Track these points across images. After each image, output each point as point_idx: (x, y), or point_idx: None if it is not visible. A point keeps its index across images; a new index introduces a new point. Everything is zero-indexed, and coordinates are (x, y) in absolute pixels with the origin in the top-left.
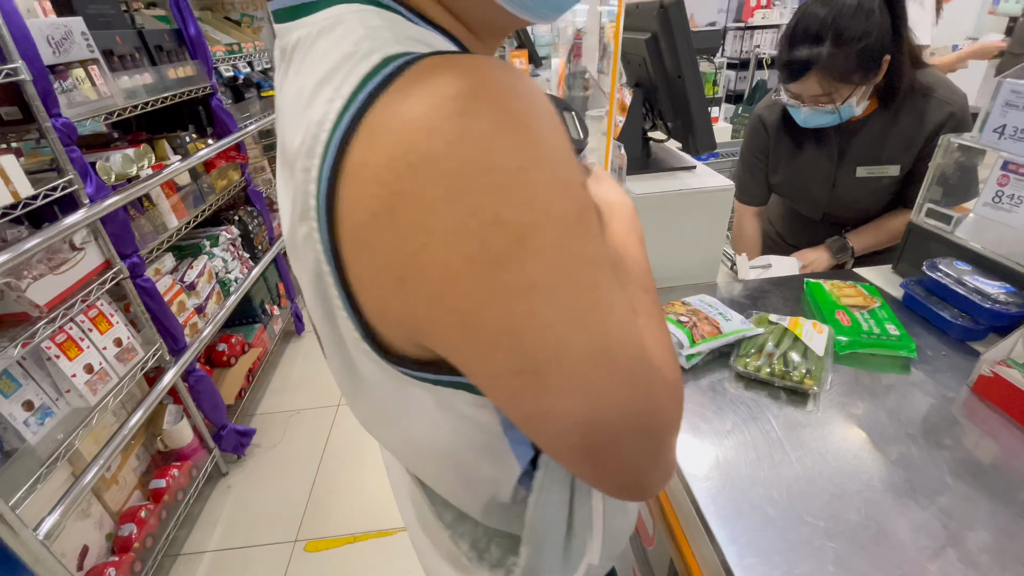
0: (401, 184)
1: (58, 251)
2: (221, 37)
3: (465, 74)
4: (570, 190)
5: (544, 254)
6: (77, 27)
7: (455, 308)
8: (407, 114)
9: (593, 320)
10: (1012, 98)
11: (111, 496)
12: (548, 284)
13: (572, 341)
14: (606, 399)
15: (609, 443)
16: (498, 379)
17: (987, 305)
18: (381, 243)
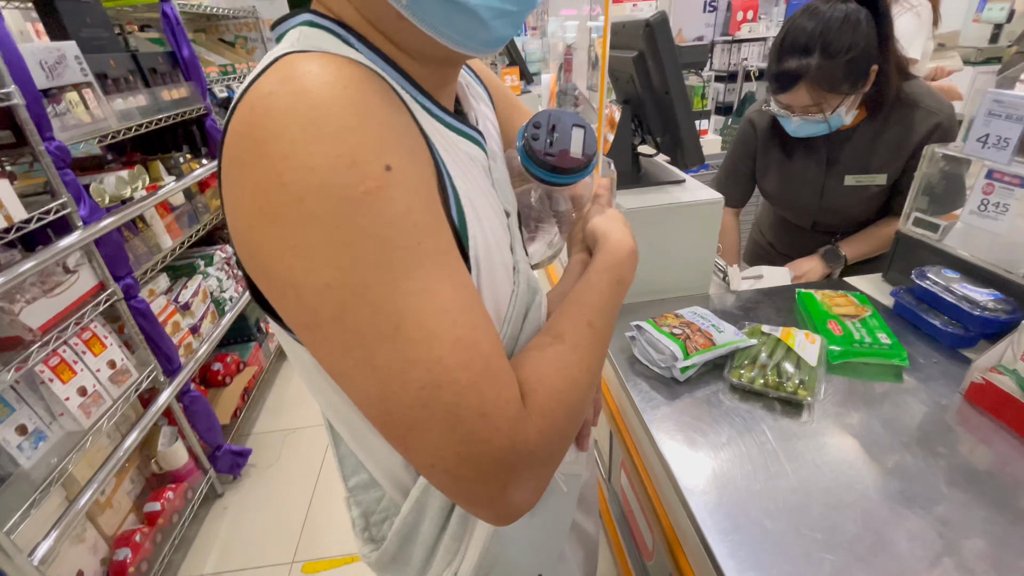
0: (231, 150)
1: (51, 274)
2: (215, 58)
3: (289, 65)
4: (356, 167)
5: (320, 219)
6: (71, 51)
7: (253, 256)
8: (251, 95)
9: (381, 295)
10: (995, 107)
11: (105, 520)
12: (324, 247)
13: (353, 308)
14: (397, 380)
15: (409, 428)
16: (298, 331)
17: (976, 312)
18: (225, 196)
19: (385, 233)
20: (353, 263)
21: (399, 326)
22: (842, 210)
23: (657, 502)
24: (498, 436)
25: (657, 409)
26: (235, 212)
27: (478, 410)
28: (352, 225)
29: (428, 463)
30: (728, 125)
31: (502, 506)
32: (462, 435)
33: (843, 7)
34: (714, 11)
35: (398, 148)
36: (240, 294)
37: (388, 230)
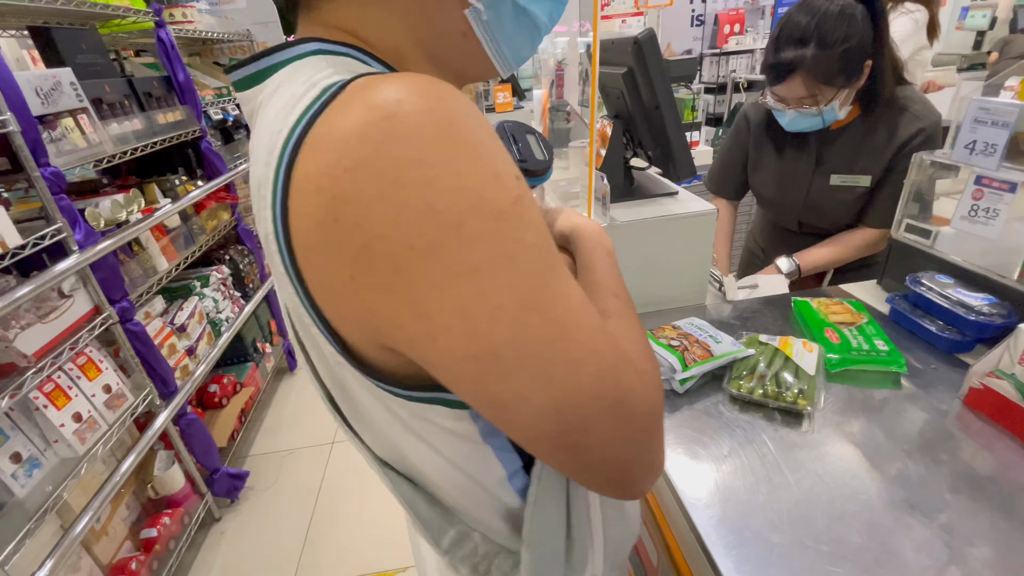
0: (339, 188)
1: (46, 299)
2: (210, 81)
3: (390, 85)
4: (501, 180)
5: (483, 239)
6: (66, 77)
7: (405, 297)
8: (340, 125)
9: (545, 302)
10: (981, 115)
11: (101, 548)
12: (491, 267)
13: (526, 322)
14: (571, 381)
15: (582, 428)
16: (458, 366)
17: (972, 317)
18: (329, 246)
19: (535, 240)
20: (518, 277)
21: (564, 328)
22: (825, 209)
23: (660, 516)
24: (645, 404)
25: None
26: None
27: (628, 386)
28: (511, 239)
29: (599, 459)
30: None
31: (654, 474)
32: (624, 416)
33: (839, 2)
34: (701, 25)
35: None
36: (236, 315)
37: (536, 237)
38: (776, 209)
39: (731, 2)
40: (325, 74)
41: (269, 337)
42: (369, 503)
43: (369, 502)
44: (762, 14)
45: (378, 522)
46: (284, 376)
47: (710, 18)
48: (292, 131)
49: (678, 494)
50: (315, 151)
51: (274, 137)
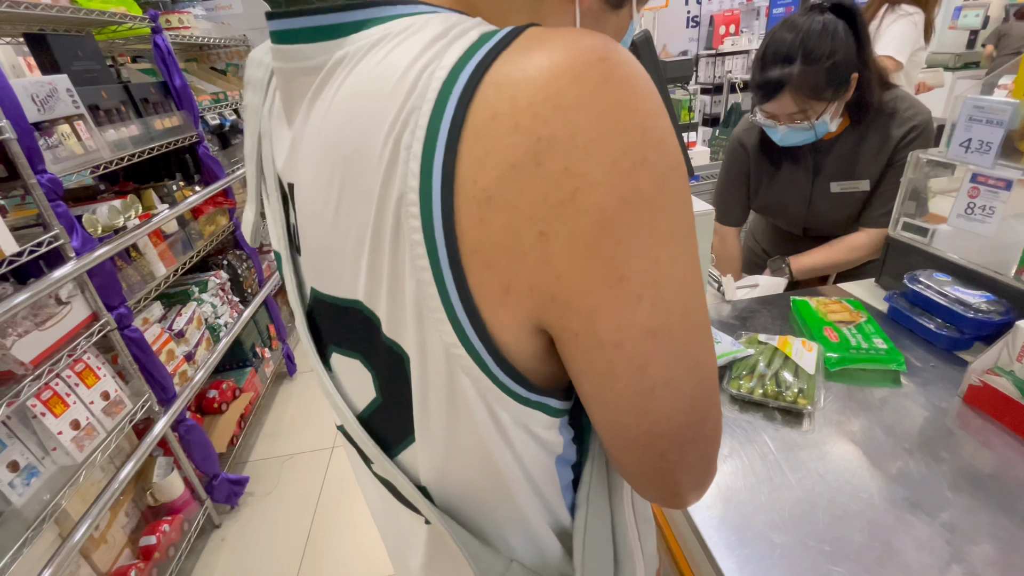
0: (548, 128)
1: (44, 306)
2: (206, 87)
3: (586, 34)
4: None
5: (678, 202)
6: (62, 84)
7: (605, 257)
8: (546, 63)
9: (698, 282)
10: (975, 113)
11: (100, 556)
12: (681, 234)
13: (696, 301)
14: (706, 369)
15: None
16: (634, 343)
17: (970, 315)
18: (522, 196)
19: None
20: (692, 248)
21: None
22: (830, 216)
23: (661, 517)
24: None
25: None
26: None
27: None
28: (688, 205)
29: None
30: (716, 136)
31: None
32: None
33: (820, 18)
34: (697, 26)
35: None
36: (235, 319)
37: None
38: (782, 219)
39: (726, 3)
40: (467, 25)
41: (268, 342)
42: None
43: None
44: (757, 15)
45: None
46: (284, 381)
47: (705, 19)
48: (458, 72)
49: None
50: (505, 90)
51: (419, 80)
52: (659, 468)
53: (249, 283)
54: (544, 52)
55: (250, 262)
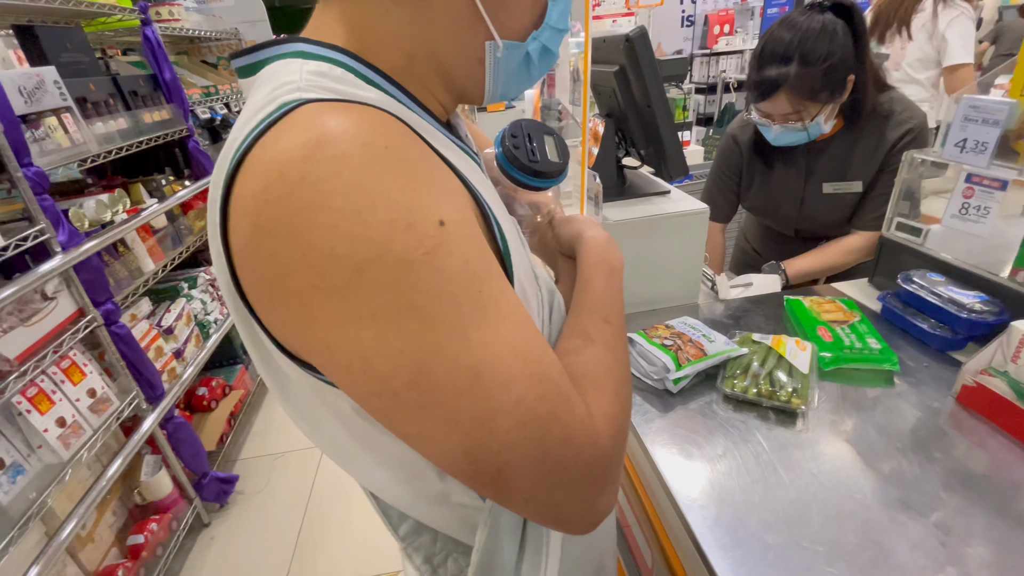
0: (260, 218)
1: (29, 302)
2: (197, 80)
3: (325, 121)
4: (413, 230)
5: (382, 287)
6: (50, 76)
7: (311, 331)
8: (268, 156)
9: (455, 351)
10: (971, 113)
11: (87, 555)
12: (392, 315)
13: (431, 369)
14: (483, 430)
15: (498, 471)
16: (363, 399)
17: (963, 315)
18: (252, 268)
19: (449, 290)
20: (423, 326)
21: (477, 377)
22: (821, 217)
23: (655, 517)
24: (583, 456)
25: (652, 422)
26: (275, 287)
27: (561, 437)
28: (417, 289)
29: (522, 500)
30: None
31: (593, 516)
32: (551, 466)
33: (820, 18)
34: (691, 25)
35: (445, 199)
36: (225, 316)
37: (451, 286)
38: (773, 219)
39: (720, 3)
40: (290, 87)
41: None
42: (361, 506)
43: (361, 505)
44: (751, 15)
45: (369, 526)
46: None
47: (700, 19)
48: (240, 145)
49: (672, 495)
50: (247, 175)
51: (231, 144)
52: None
53: None
54: (277, 142)
55: None
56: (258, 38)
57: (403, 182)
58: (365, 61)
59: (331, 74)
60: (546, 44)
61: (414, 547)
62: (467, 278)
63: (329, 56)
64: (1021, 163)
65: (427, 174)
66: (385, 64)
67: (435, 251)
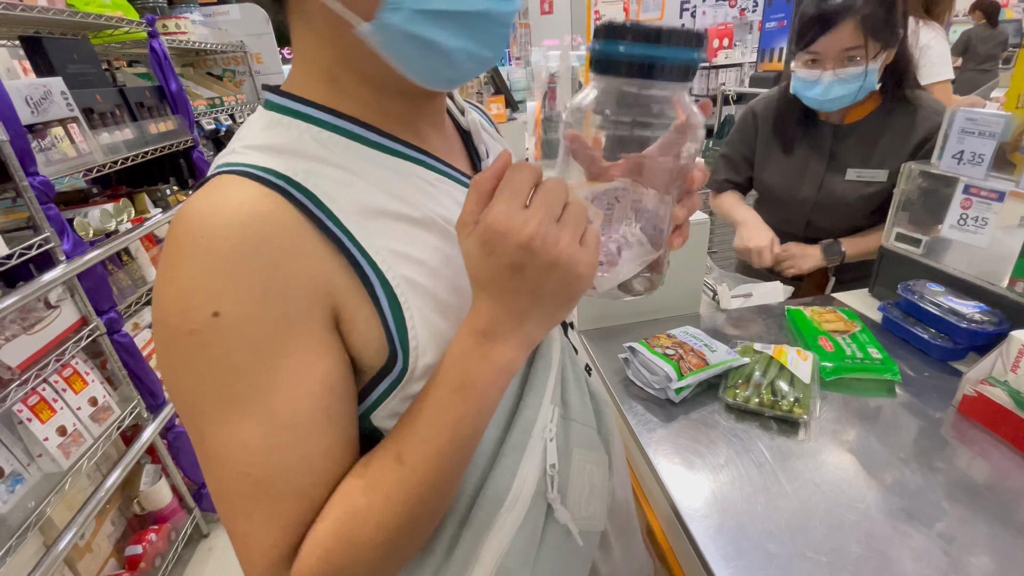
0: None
1: (32, 310)
2: (203, 91)
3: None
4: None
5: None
6: (57, 87)
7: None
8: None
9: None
10: (967, 125)
11: (85, 566)
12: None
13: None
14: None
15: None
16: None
17: (964, 325)
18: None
19: (202, 371)
20: (179, 388)
21: (204, 449)
22: (838, 208)
23: (656, 527)
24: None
25: (654, 432)
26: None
27: (242, 539)
28: (177, 359)
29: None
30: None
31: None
32: (239, 548)
33: None
34: None
35: (242, 295)
36: None
37: (204, 369)
38: (784, 210)
39: (720, 17)
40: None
41: None
42: None
43: None
44: (750, 28)
45: None
46: None
47: None
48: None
49: (675, 504)
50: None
51: None
52: None
53: None
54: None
55: None
56: (263, 51)
57: (199, 270)
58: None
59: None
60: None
61: None
62: (222, 369)
63: (282, 105)
64: (1018, 174)
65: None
66: (319, 95)
67: (197, 335)
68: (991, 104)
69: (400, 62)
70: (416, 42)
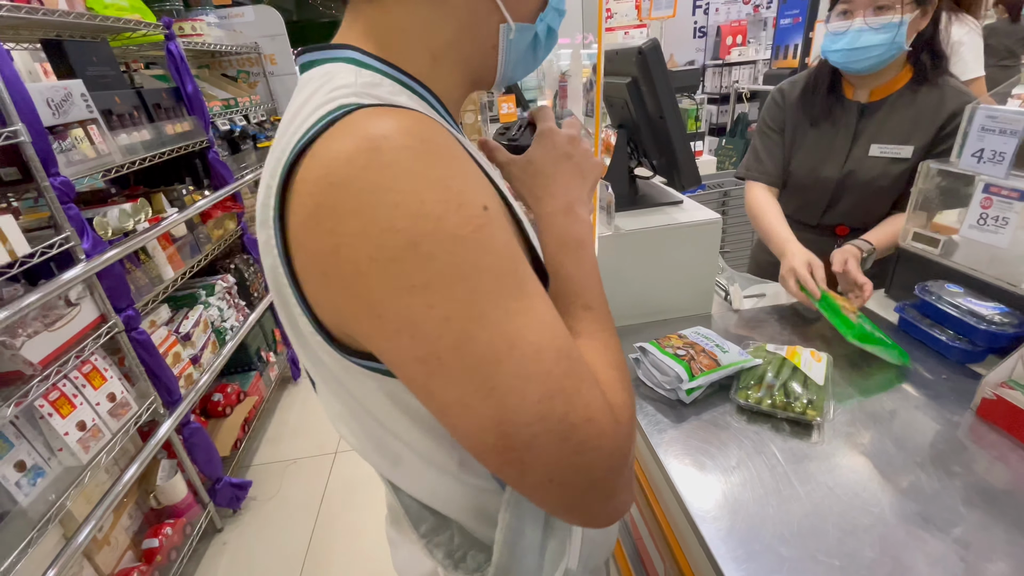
0: (323, 197)
1: (53, 307)
2: (218, 93)
3: (382, 121)
4: (464, 209)
5: (435, 259)
6: (77, 89)
7: (363, 299)
8: (335, 147)
9: (495, 319)
10: (988, 123)
11: (102, 558)
12: (442, 283)
13: (473, 335)
14: (514, 397)
15: (526, 446)
16: (406, 366)
17: (983, 327)
18: (309, 243)
19: (494, 264)
20: (470, 295)
21: (513, 345)
22: (862, 187)
23: (667, 528)
24: (605, 439)
25: (664, 432)
26: (331, 259)
27: (585, 415)
28: (466, 261)
29: (544, 480)
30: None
31: (612, 508)
32: (575, 444)
33: None
34: (704, 36)
35: (484, 189)
36: (240, 324)
37: (496, 261)
38: (805, 193)
39: (733, 14)
40: (346, 90)
41: (273, 346)
42: (372, 513)
43: (372, 512)
44: (764, 25)
45: (381, 531)
46: (288, 385)
47: (712, 30)
48: (301, 139)
49: (685, 506)
50: (312, 163)
51: (291, 137)
52: (511, 481)
53: (255, 287)
54: (341, 137)
55: (257, 267)
56: (276, 52)
57: (453, 171)
58: (402, 70)
59: (381, 85)
60: (551, 25)
61: (434, 544)
62: (508, 256)
63: (377, 67)
64: None
65: (470, 167)
66: (414, 69)
67: (481, 230)
68: (1012, 101)
69: (509, 59)
70: (532, 46)
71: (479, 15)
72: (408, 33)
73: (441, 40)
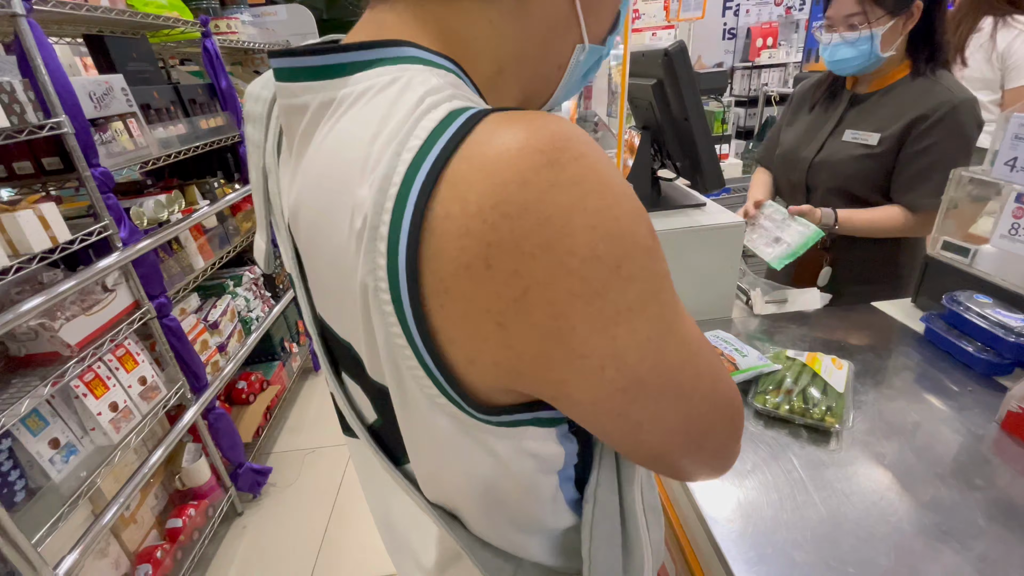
0: (496, 234)
1: (91, 292)
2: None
3: (541, 128)
4: (643, 217)
5: (636, 280)
6: (118, 83)
7: (562, 342)
8: (494, 166)
9: (676, 325)
10: (1021, 131)
11: (128, 535)
12: (641, 304)
13: (665, 348)
14: (697, 395)
15: (704, 433)
16: (606, 399)
17: (1012, 339)
18: (477, 293)
19: (665, 268)
20: (660, 308)
21: (689, 347)
22: (831, 167)
23: (680, 530)
24: (739, 404)
25: None
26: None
27: (734, 391)
28: (655, 273)
29: (710, 457)
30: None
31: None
32: (732, 416)
33: None
34: (733, 38)
35: None
36: (266, 313)
37: (665, 264)
38: (788, 169)
39: (764, 15)
40: (443, 94)
41: (296, 337)
42: None
43: None
44: (796, 27)
45: None
46: (309, 376)
47: (742, 31)
48: (421, 160)
49: (698, 508)
50: (458, 189)
51: (391, 161)
52: (675, 470)
53: (281, 279)
54: (495, 151)
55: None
56: None
57: (619, 174)
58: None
59: (460, 86)
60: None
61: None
62: (666, 275)
63: (449, 67)
64: None
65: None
66: (477, 76)
67: (654, 233)
68: None
69: (570, 80)
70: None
71: (557, 32)
72: (480, 40)
73: (511, 52)
